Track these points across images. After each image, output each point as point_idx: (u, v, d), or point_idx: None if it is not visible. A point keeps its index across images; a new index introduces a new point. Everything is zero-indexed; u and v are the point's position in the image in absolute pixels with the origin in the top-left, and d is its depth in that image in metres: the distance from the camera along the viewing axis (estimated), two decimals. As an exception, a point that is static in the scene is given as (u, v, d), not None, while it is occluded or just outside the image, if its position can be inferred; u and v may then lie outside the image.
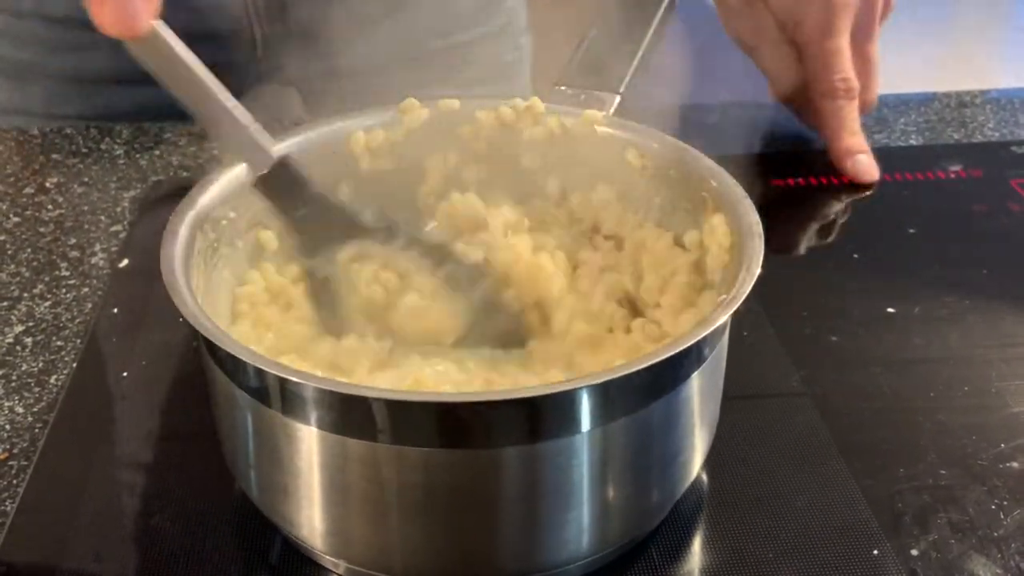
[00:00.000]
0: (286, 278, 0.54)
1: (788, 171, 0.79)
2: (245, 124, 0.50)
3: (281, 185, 0.51)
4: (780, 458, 0.53)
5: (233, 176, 0.51)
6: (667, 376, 0.44)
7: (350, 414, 0.41)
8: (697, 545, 0.49)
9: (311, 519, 0.45)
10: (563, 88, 0.59)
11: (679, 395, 0.45)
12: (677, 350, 0.41)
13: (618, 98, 0.59)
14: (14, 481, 0.53)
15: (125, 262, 0.69)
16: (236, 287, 0.52)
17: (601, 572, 0.48)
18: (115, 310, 0.64)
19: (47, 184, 0.79)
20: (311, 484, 0.44)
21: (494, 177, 0.58)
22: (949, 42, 3.32)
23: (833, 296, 0.66)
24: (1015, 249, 0.71)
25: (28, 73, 0.87)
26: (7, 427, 0.56)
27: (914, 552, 0.48)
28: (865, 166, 0.76)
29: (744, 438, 0.54)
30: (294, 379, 0.41)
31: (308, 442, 0.43)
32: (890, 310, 0.64)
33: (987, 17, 3.54)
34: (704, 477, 0.52)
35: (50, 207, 0.76)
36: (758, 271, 0.45)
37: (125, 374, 0.59)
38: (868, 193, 0.76)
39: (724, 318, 0.43)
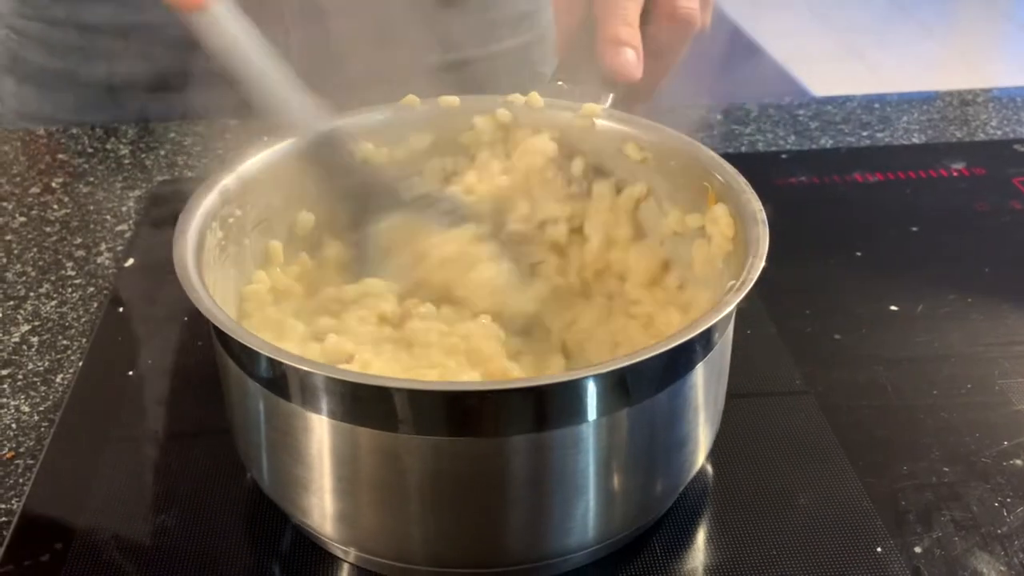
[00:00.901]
0: (290, 277, 0.54)
1: (791, 170, 0.79)
2: (298, 95, 0.52)
3: (329, 155, 0.53)
4: (783, 456, 0.54)
5: (237, 175, 0.52)
6: (673, 365, 0.44)
7: (361, 403, 0.42)
8: (701, 539, 0.50)
9: (322, 507, 0.45)
10: (560, 83, 0.60)
11: (685, 384, 0.45)
12: (684, 339, 0.42)
13: (611, 95, 0.59)
14: (20, 480, 0.53)
15: (131, 261, 0.69)
16: (243, 286, 0.53)
17: (606, 561, 0.48)
18: (121, 309, 0.65)
19: (53, 184, 0.79)
20: (322, 472, 0.44)
21: (491, 177, 0.58)
22: (951, 41, 3.32)
23: (836, 294, 0.66)
24: (1018, 247, 0.71)
25: (60, 81, 0.88)
26: (13, 426, 0.56)
27: (917, 549, 0.49)
28: (629, 61, 0.61)
29: (747, 436, 0.55)
30: (307, 369, 0.41)
31: (320, 431, 0.43)
32: (893, 308, 0.65)
33: (989, 15, 3.55)
34: (709, 470, 0.53)
35: (56, 207, 0.76)
36: (765, 256, 0.46)
37: (131, 373, 0.59)
38: (871, 191, 0.77)
39: (734, 304, 0.43)
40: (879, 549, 0.48)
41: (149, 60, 0.84)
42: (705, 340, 0.45)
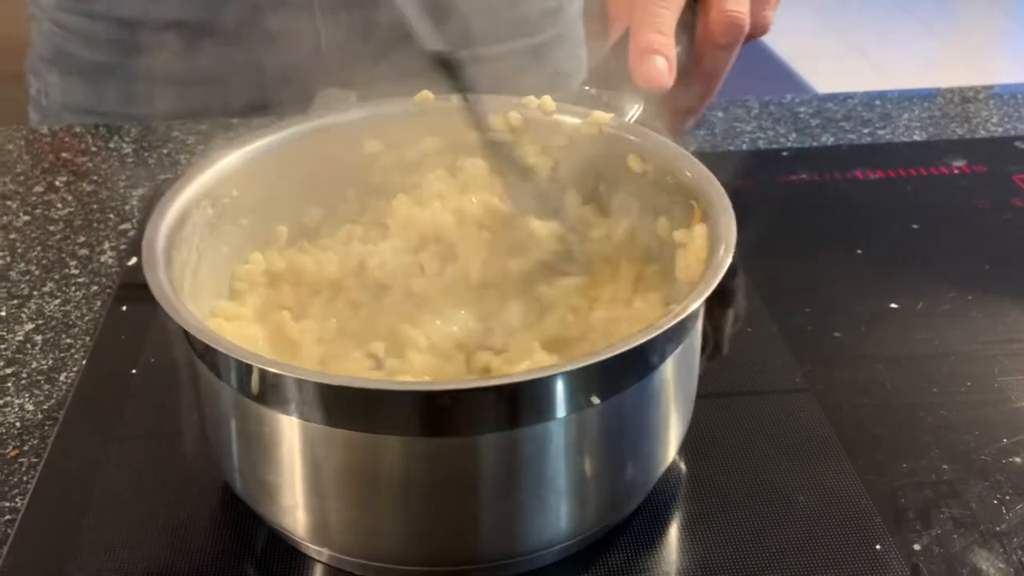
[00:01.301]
0: (285, 262, 0.55)
1: (792, 167, 0.79)
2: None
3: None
4: (783, 454, 0.54)
5: (236, 156, 0.52)
6: (642, 362, 0.44)
7: (330, 404, 0.42)
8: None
9: (294, 509, 0.45)
10: (587, 88, 0.59)
11: (654, 380, 0.45)
12: (651, 336, 0.42)
13: (640, 105, 0.57)
14: (24, 478, 0.53)
15: (134, 260, 0.69)
16: (236, 265, 0.53)
17: (581, 555, 0.48)
18: (124, 308, 0.65)
19: (56, 183, 0.79)
20: (293, 474, 0.44)
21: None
22: (953, 38, 3.32)
23: (836, 292, 0.66)
24: (1018, 245, 0.71)
25: (101, 73, 0.89)
26: (17, 424, 0.57)
27: (916, 547, 0.49)
28: (659, 70, 0.58)
29: (747, 434, 0.55)
30: (274, 370, 0.41)
31: (289, 433, 0.43)
32: (893, 306, 0.65)
33: (991, 13, 3.54)
34: (682, 466, 0.53)
35: (59, 206, 0.77)
36: (729, 260, 0.46)
37: (134, 371, 0.60)
38: (871, 189, 0.77)
39: (697, 303, 0.44)
40: (878, 547, 0.49)
41: (187, 55, 0.85)
42: (673, 338, 0.45)
